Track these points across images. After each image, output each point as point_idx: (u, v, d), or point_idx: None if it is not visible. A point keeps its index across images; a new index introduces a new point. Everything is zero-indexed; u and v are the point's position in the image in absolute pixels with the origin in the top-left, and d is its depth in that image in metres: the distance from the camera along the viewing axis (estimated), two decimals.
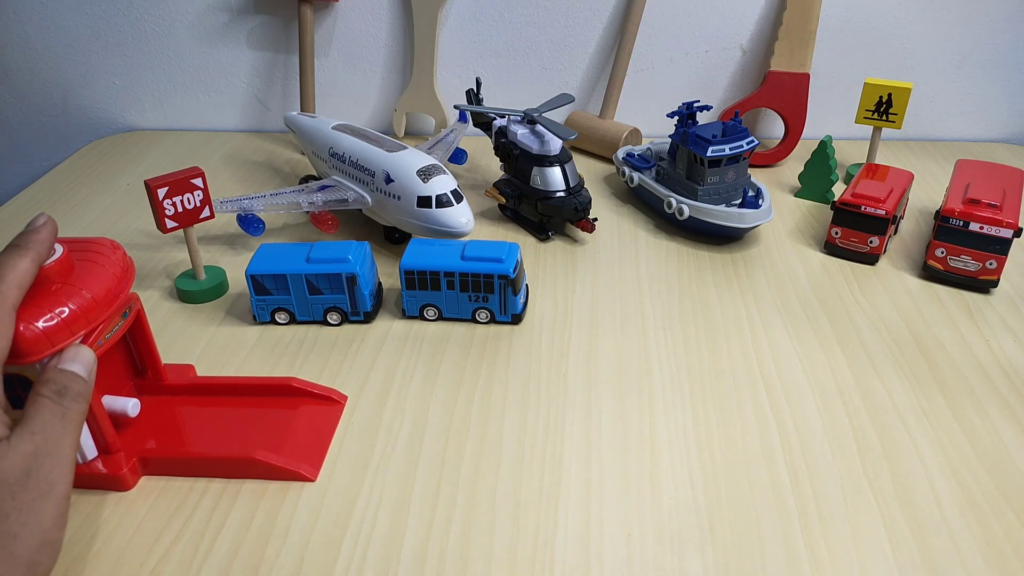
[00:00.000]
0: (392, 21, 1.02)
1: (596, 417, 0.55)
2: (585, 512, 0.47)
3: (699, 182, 0.77)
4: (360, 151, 0.74)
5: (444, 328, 0.65)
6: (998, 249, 0.67)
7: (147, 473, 0.51)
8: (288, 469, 0.50)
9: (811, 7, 0.93)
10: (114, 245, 0.49)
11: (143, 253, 0.77)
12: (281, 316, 0.65)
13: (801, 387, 0.58)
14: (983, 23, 0.98)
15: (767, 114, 1.05)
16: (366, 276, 0.64)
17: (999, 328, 0.65)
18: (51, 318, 0.42)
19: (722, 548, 0.45)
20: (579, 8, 1.00)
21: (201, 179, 0.66)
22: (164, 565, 0.44)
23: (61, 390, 0.41)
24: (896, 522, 0.47)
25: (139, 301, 0.52)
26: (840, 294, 0.70)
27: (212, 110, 1.10)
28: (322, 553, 0.45)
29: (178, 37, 1.04)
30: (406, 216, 0.70)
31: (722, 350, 0.62)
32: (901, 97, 0.85)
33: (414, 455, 0.52)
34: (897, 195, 0.74)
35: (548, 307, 0.68)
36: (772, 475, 0.50)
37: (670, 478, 0.50)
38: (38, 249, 0.43)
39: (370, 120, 1.09)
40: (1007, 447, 0.52)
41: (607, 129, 0.98)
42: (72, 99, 1.09)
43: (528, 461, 0.51)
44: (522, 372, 0.60)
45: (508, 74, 1.04)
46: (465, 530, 0.46)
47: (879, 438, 0.53)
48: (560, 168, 0.77)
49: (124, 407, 0.50)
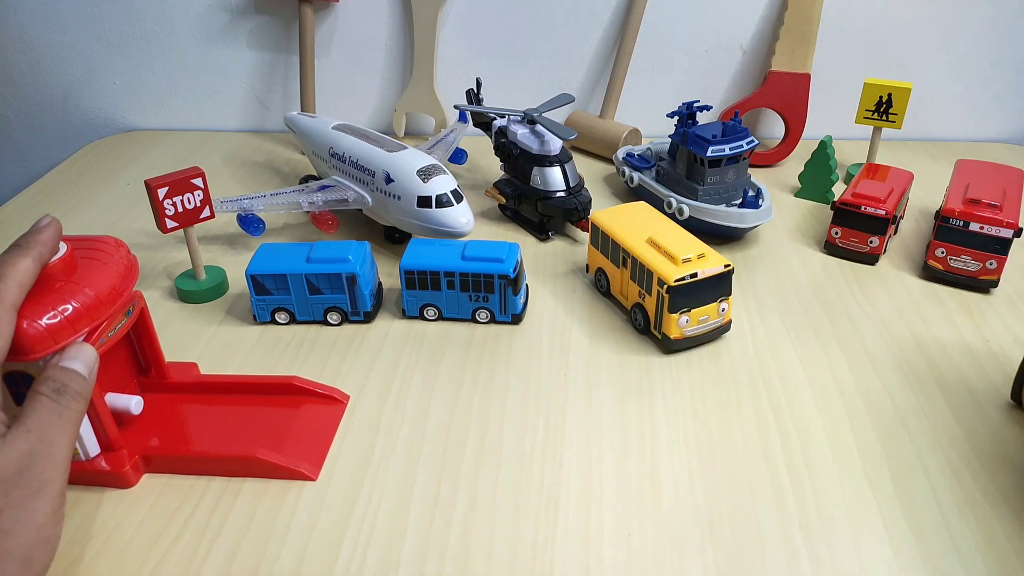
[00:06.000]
0: (392, 21, 1.02)
1: (596, 417, 0.55)
2: (585, 512, 0.47)
3: (699, 182, 0.77)
4: (360, 151, 0.74)
5: (444, 328, 0.65)
6: (998, 249, 0.68)
7: (149, 471, 0.51)
8: (289, 468, 0.50)
9: (812, 7, 0.93)
10: (118, 243, 0.49)
11: (143, 253, 0.77)
12: (281, 316, 0.66)
13: (801, 387, 0.58)
14: (983, 23, 0.98)
15: (767, 114, 1.05)
16: (366, 276, 0.64)
17: (999, 328, 0.65)
18: (54, 315, 0.42)
19: (722, 548, 0.45)
20: (579, 8, 1.00)
21: (201, 179, 0.66)
22: (165, 563, 0.44)
23: (60, 388, 0.41)
24: (896, 522, 0.47)
25: (143, 299, 0.52)
26: (840, 294, 0.70)
27: (212, 110, 1.10)
28: (322, 553, 0.45)
29: (178, 37, 1.04)
30: (406, 216, 0.70)
31: (722, 350, 0.62)
32: (901, 97, 0.85)
33: (414, 455, 0.52)
34: (897, 195, 0.74)
35: (548, 307, 0.68)
36: (772, 475, 0.50)
37: (670, 478, 0.50)
38: (40, 249, 0.43)
39: (370, 120, 1.09)
40: (1007, 447, 0.53)
41: (607, 129, 0.98)
42: (72, 99, 1.10)
43: (528, 461, 0.51)
44: (522, 372, 0.60)
45: (508, 74, 1.05)
46: (465, 530, 0.46)
47: (879, 438, 0.53)
48: (560, 168, 0.77)
49: (127, 404, 0.50)
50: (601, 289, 0.69)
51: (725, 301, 0.61)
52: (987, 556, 0.45)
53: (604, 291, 0.69)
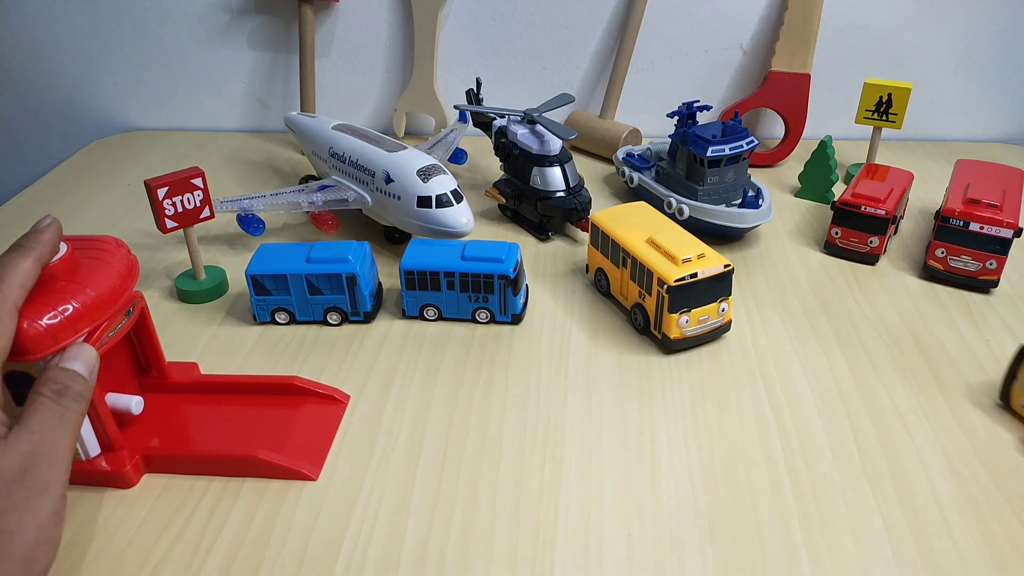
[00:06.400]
0: (392, 21, 1.02)
1: (596, 417, 0.55)
2: (585, 512, 0.48)
3: (699, 182, 0.77)
4: (360, 151, 0.75)
5: (444, 328, 0.65)
6: (998, 249, 0.68)
7: (150, 471, 0.51)
8: (290, 468, 0.50)
9: (813, 7, 0.93)
10: (118, 243, 0.49)
11: (143, 253, 0.77)
12: (281, 316, 0.66)
13: (801, 387, 0.58)
14: (982, 23, 0.98)
15: (767, 114, 1.05)
16: (366, 276, 0.64)
17: (999, 328, 0.65)
18: (55, 315, 0.42)
19: (722, 548, 0.45)
20: (579, 8, 1.00)
21: (201, 179, 0.66)
22: (165, 563, 0.44)
23: (61, 389, 0.41)
24: (896, 522, 0.47)
25: (143, 299, 0.52)
26: (840, 294, 0.70)
27: (213, 110, 1.10)
28: (322, 553, 0.45)
29: (179, 37, 1.04)
30: (406, 216, 0.70)
31: (722, 350, 0.62)
32: (901, 97, 0.85)
33: (414, 455, 0.52)
34: (897, 195, 0.74)
35: (548, 307, 0.68)
36: (772, 475, 0.50)
37: (670, 478, 0.50)
38: (41, 249, 0.43)
39: (370, 120, 1.09)
40: (1007, 447, 0.53)
41: (607, 129, 0.98)
42: (73, 99, 1.10)
43: (528, 461, 0.51)
44: (522, 372, 0.60)
45: (508, 74, 1.05)
46: (465, 530, 0.46)
47: (879, 438, 0.53)
48: (560, 168, 0.77)
49: (127, 405, 0.50)
50: (601, 289, 0.69)
51: (725, 301, 0.61)
52: (987, 556, 0.45)
53: (604, 291, 0.69)
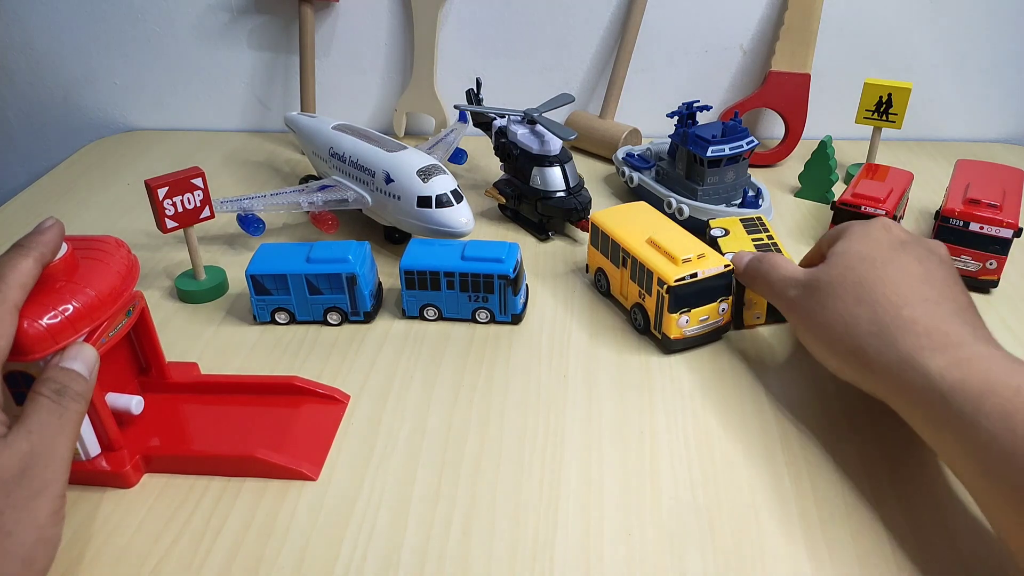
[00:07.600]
0: (392, 21, 1.02)
1: (596, 417, 0.55)
2: (585, 512, 0.48)
3: (699, 182, 0.77)
4: (360, 151, 0.75)
5: (444, 328, 0.65)
6: (998, 249, 0.68)
7: (149, 471, 0.51)
8: (290, 468, 0.50)
9: (813, 7, 0.93)
10: (118, 243, 0.49)
11: (143, 253, 0.77)
12: (281, 316, 0.66)
13: (801, 387, 0.58)
14: (983, 23, 0.98)
15: (767, 114, 1.05)
16: (366, 276, 0.64)
17: (999, 328, 0.65)
18: (55, 315, 0.42)
19: (722, 548, 0.45)
20: (579, 8, 1.00)
21: (201, 179, 0.66)
22: (165, 563, 0.44)
23: (61, 389, 0.41)
24: (896, 522, 0.47)
25: (143, 299, 0.52)
26: None
27: (212, 110, 1.10)
28: (322, 553, 0.45)
29: (179, 37, 1.04)
30: (406, 216, 0.70)
31: (722, 350, 0.62)
32: (901, 97, 0.85)
33: (414, 455, 0.52)
34: (897, 195, 0.74)
35: (548, 307, 0.68)
36: (772, 475, 0.50)
37: (670, 478, 0.50)
38: (42, 250, 0.43)
39: (370, 120, 1.09)
40: None
41: (607, 129, 0.98)
42: (73, 99, 1.10)
43: (528, 461, 0.51)
44: (522, 372, 0.60)
45: (508, 74, 1.05)
46: (465, 530, 0.46)
47: (879, 438, 0.53)
48: (560, 168, 0.77)
49: (127, 404, 0.50)
50: (601, 289, 0.69)
51: (725, 301, 0.61)
52: (987, 556, 0.45)
53: (604, 291, 0.69)
